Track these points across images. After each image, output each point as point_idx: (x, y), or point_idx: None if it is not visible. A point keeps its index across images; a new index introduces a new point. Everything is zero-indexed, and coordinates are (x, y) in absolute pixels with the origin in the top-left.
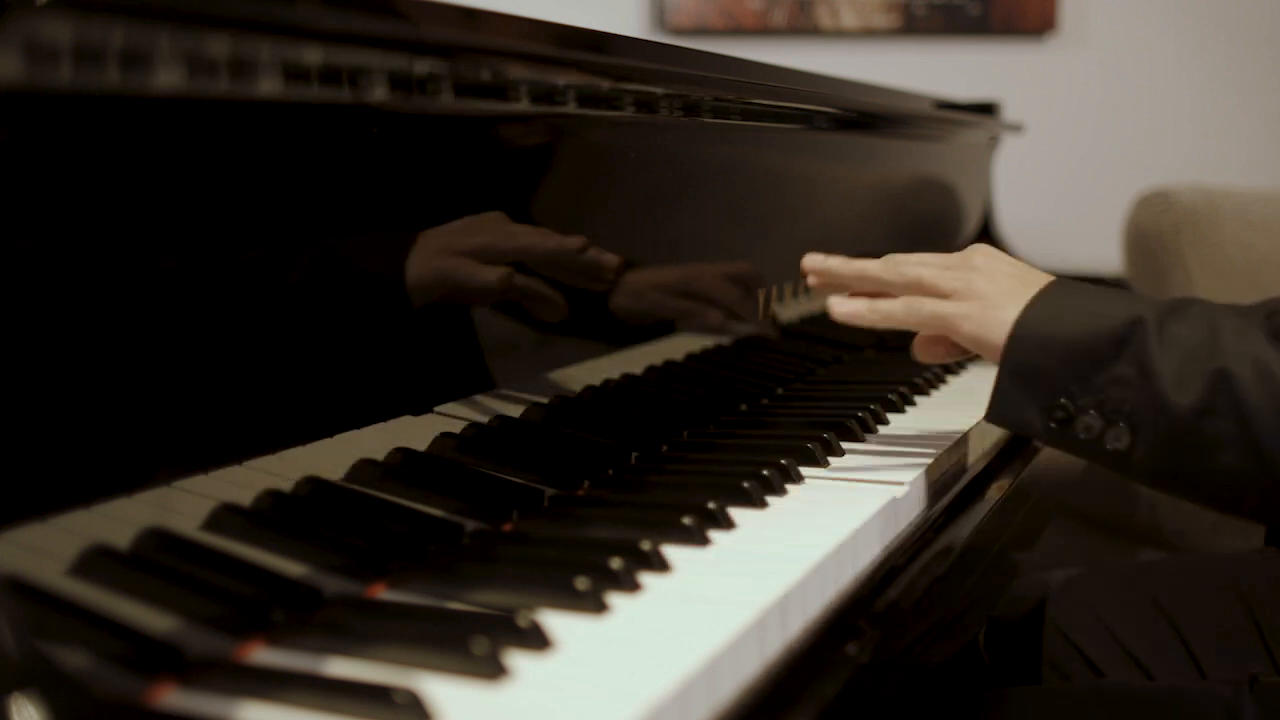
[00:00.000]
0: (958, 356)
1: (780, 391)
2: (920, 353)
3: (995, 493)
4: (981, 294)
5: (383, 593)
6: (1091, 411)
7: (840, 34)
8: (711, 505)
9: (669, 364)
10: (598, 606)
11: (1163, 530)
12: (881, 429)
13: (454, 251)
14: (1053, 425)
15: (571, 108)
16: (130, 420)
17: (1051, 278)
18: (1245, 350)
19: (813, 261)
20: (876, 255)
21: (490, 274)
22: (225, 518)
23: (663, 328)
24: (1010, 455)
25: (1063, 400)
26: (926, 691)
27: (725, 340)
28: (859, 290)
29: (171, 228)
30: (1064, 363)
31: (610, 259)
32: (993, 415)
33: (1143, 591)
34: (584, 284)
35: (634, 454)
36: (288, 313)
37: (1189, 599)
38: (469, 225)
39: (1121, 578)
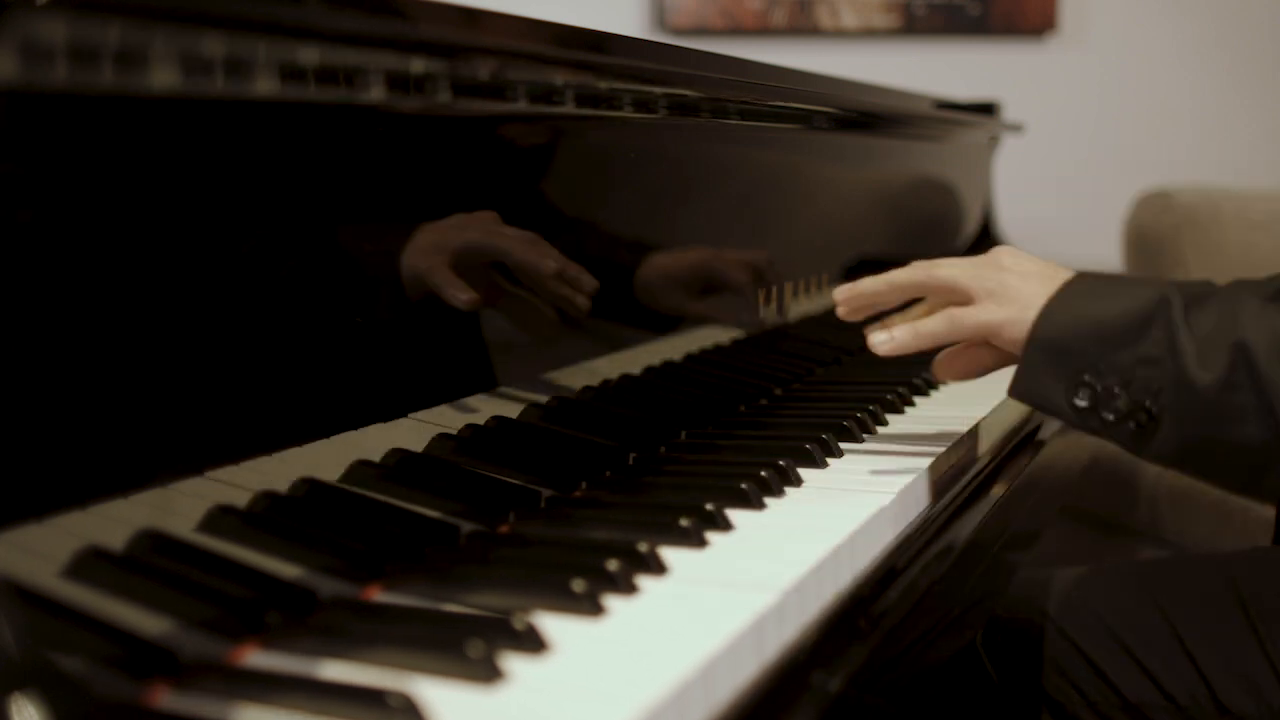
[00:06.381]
0: (979, 374)
1: (779, 392)
2: (941, 371)
3: (997, 491)
4: (1015, 295)
5: (378, 595)
6: (1117, 390)
7: (840, 34)
8: (709, 507)
9: (668, 364)
10: (594, 609)
11: (1163, 529)
12: (880, 430)
13: (439, 250)
14: (1079, 404)
15: (571, 108)
16: (126, 421)
17: (1074, 272)
18: (1264, 325)
19: (842, 291)
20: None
21: (469, 275)
22: (220, 519)
23: (665, 325)
24: (1010, 457)
25: (1087, 378)
26: (925, 692)
27: (724, 340)
28: (889, 305)
29: (168, 228)
30: (1093, 341)
31: (586, 282)
32: (1017, 391)
33: (1142, 591)
34: (557, 300)
35: (632, 455)
36: (284, 313)
37: (1186, 599)
38: (458, 223)
39: (1121, 577)
